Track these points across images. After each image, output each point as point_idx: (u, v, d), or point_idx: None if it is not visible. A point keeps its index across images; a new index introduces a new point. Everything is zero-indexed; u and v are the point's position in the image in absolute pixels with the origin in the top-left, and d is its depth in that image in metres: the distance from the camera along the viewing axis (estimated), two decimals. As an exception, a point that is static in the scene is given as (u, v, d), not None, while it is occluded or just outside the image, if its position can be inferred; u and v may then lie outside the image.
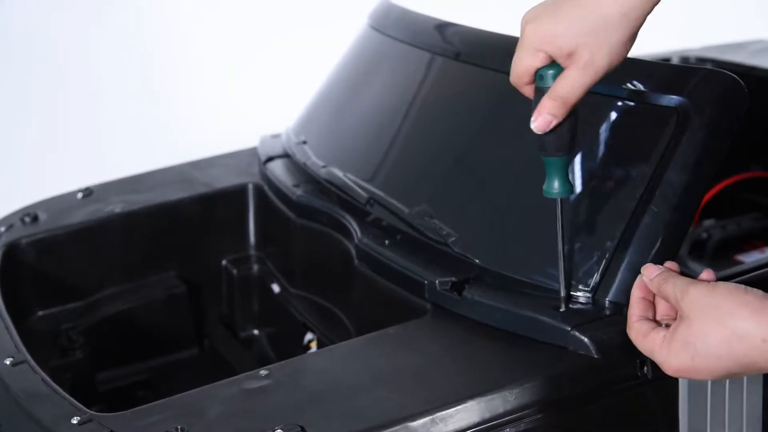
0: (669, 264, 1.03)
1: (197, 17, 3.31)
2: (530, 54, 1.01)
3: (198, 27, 3.31)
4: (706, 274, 1.02)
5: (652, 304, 1.03)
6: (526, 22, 1.02)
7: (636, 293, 1.04)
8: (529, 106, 1.33)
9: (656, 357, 0.98)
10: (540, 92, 1.02)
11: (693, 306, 0.95)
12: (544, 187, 1.09)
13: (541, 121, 1.03)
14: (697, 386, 1.14)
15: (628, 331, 1.03)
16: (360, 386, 1.11)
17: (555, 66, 1.02)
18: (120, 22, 3.24)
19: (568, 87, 1.01)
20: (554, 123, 1.02)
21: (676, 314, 0.99)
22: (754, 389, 1.19)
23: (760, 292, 0.94)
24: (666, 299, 1.01)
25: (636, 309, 1.03)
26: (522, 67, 1.03)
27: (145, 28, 3.25)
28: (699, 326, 0.94)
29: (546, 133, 1.04)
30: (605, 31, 0.99)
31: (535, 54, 1.01)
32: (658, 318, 1.03)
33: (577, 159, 1.23)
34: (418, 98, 1.48)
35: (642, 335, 1.00)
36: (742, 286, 0.95)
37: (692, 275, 1.39)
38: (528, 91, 1.06)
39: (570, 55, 1.00)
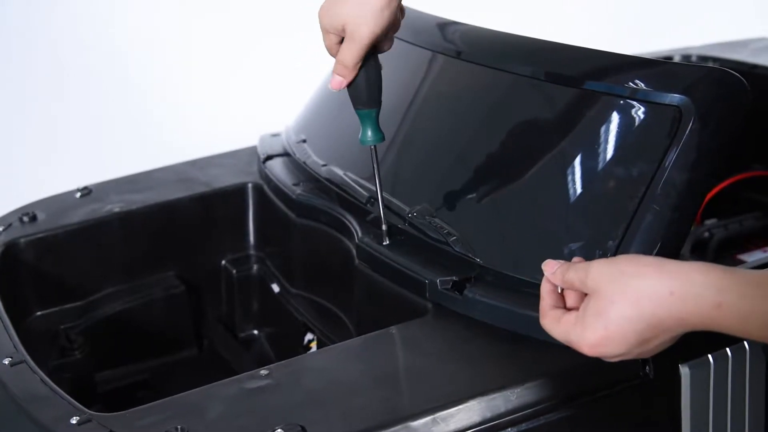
0: (575, 258, 1.04)
1: (197, 16, 3.31)
2: (325, 35, 1.27)
3: (198, 26, 3.30)
4: (578, 258, 1.03)
5: (562, 297, 1.03)
6: (319, 10, 1.27)
7: (546, 287, 1.03)
8: (529, 106, 1.33)
9: (571, 337, 0.98)
10: None
11: (598, 279, 0.96)
12: (360, 136, 1.29)
13: (333, 81, 1.28)
14: (699, 385, 1.14)
15: (541, 320, 1.02)
16: (361, 386, 1.11)
17: None
18: (119, 21, 3.23)
19: (345, 54, 1.26)
20: (344, 82, 1.28)
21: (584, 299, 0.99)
22: (756, 388, 1.19)
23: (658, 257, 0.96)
24: (572, 287, 1.01)
25: (548, 299, 1.03)
26: (326, 45, 1.29)
27: (145, 27, 3.25)
28: (607, 295, 0.94)
29: (354, 91, 1.27)
30: (361, 7, 1.23)
31: (327, 34, 1.27)
32: (568, 307, 1.02)
33: (579, 158, 1.22)
34: (418, 97, 1.48)
35: (556, 320, 1.00)
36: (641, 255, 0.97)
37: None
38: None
39: (343, 30, 1.25)
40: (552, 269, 1.03)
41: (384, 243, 1.35)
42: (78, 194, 1.70)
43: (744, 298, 0.90)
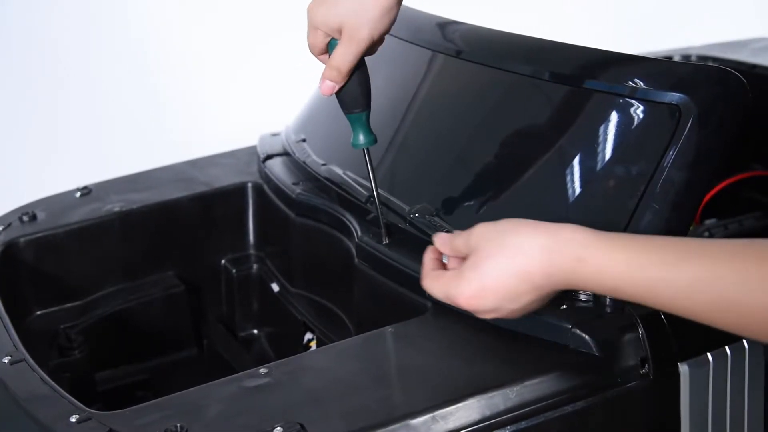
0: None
1: (197, 16, 3.31)
2: (312, 31, 1.21)
3: (197, 26, 3.30)
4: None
5: (444, 265, 1.08)
6: (309, 4, 1.20)
7: (428, 255, 1.10)
8: (528, 105, 1.33)
9: (450, 291, 1.02)
10: None
11: (479, 238, 1.01)
12: (352, 140, 1.26)
13: (324, 86, 1.22)
14: (699, 384, 1.14)
15: (422, 281, 1.08)
16: (360, 384, 1.11)
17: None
18: (119, 20, 3.23)
19: (339, 58, 1.19)
20: (336, 87, 1.22)
21: None
22: (756, 387, 1.19)
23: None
24: (458, 252, 1.06)
25: (429, 264, 1.09)
26: (310, 42, 1.22)
27: (144, 27, 3.25)
28: (485, 250, 1.00)
29: (343, 95, 1.23)
30: (363, 9, 1.16)
31: (315, 31, 1.20)
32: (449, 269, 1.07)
33: (579, 156, 1.22)
34: (418, 96, 1.48)
35: (436, 278, 1.05)
36: None
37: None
38: (324, 59, 1.24)
39: (339, 31, 1.18)
40: (442, 240, 1.08)
41: (384, 242, 1.35)
42: (78, 194, 1.70)
43: (604, 255, 0.94)
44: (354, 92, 1.22)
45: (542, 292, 0.99)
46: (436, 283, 1.05)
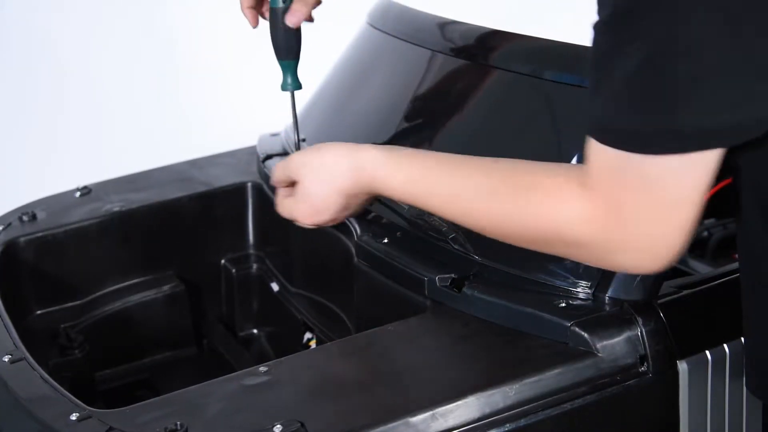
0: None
1: (196, 16, 3.31)
2: None
3: (197, 26, 3.31)
4: None
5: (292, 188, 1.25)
6: None
7: (275, 183, 1.28)
8: (529, 104, 1.33)
9: (294, 215, 1.23)
10: (274, 11, 1.34)
11: (298, 166, 1.21)
12: (281, 84, 1.39)
13: (296, 18, 1.31)
14: (698, 381, 1.14)
15: (277, 208, 1.26)
16: (360, 382, 1.11)
17: None
18: (119, 20, 3.23)
19: None
20: (302, 20, 1.32)
21: None
22: (755, 385, 1.19)
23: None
24: (282, 182, 1.25)
25: (282, 192, 1.27)
26: None
27: (144, 27, 3.25)
28: (307, 178, 1.20)
29: (282, 45, 1.35)
30: None
31: None
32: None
33: (578, 155, 1.22)
34: (417, 95, 1.48)
35: (281, 205, 1.25)
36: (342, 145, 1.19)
37: (693, 274, 1.39)
38: (249, 14, 1.37)
39: None
40: (272, 173, 1.27)
41: (383, 241, 1.35)
42: (78, 194, 1.70)
43: (388, 174, 1.14)
44: (293, 42, 1.35)
45: (360, 198, 1.19)
46: (283, 208, 1.25)
